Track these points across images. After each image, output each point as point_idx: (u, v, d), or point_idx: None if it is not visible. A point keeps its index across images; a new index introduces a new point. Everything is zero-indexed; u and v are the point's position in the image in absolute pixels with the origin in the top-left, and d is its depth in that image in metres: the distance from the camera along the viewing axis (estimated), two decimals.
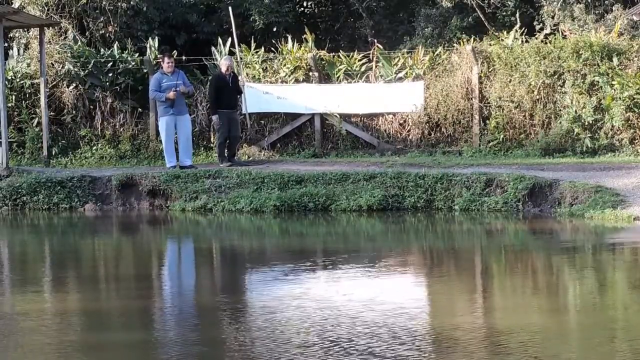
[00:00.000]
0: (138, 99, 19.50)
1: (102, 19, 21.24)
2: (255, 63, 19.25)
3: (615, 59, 17.19)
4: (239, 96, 17.51)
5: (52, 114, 19.25)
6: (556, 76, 17.55)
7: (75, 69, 19.61)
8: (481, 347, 6.94)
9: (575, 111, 17.23)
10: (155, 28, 21.79)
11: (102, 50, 20.16)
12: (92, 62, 19.62)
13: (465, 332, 7.33)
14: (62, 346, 7.20)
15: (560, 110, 17.52)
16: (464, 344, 7.01)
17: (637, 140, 17.21)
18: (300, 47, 19.28)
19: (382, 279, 9.91)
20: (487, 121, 18.00)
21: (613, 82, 17.06)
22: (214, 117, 17.15)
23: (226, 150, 17.23)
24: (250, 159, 18.15)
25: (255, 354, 6.85)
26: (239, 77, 17.48)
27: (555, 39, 18.05)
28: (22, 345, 7.29)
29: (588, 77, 17.31)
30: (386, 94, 18.55)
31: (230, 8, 18.56)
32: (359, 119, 18.84)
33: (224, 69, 17.14)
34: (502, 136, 17.78)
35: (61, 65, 19.69)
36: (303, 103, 18.76)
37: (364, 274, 10.06)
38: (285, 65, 19.14)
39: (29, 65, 19.95)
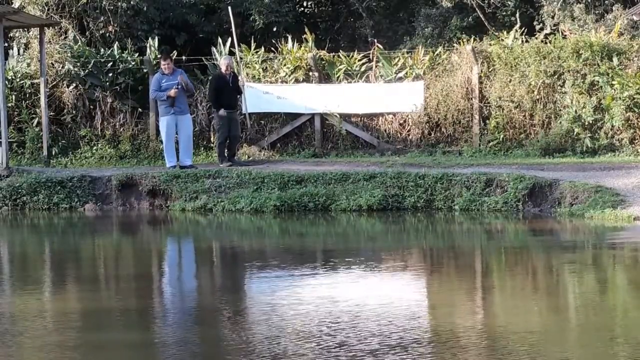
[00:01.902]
0: (138, 98, 19.51)
1: (102, 18, 21.24)
2: (255, 63, 19.25)
3: (615, 59, 17.19)
4: (238, 96, 17.49)
5: (52, 114, 19.26)
6: (556, 76, 17.55)
7: (75, 69, 19.61)
8: (481, 347, 6.94)
9: (575, 111, 17.23)
10: (155, 28, 21.78)
11: (102, 50, 20.17)
12: (92, 62, 19.62)
13: (465, 332, 7.33)
14: (62, 346, 7.20)
15: (560, 110, 17.52)
16: (463, 344, 7.01)
17: (637, 140, 17.20)
18: (300, 47, 19.27)
19: (382, 279, 9.91)
20: (487, 121, 18.00)
21: (613, 82, 17.05)
22: (220, 111, 16.94)
23: (226, 150, 17.23)
24: (250, 158, 18.15)
25: (255, 354, 6.85)
26: (239, 77, 17.45)
27: (555, 39, 18.04)
28: (22, 345, 7.29)
29: (588, 77, 17.31)
30: (386, 93, 18.55)
31: (229, 8, 18.53)
32: (359, 118, 18.84)
33: (223, 69, 17.13)
34: (502, 136, 17.78)
35: (61, 65, 19.70)
36: (303, 103, 18.76)
37: (364, 274, 10.05)
38: (285, 65, 19.14)
39: (29, 65, 19.95)
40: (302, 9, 25.57)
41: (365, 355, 6.72)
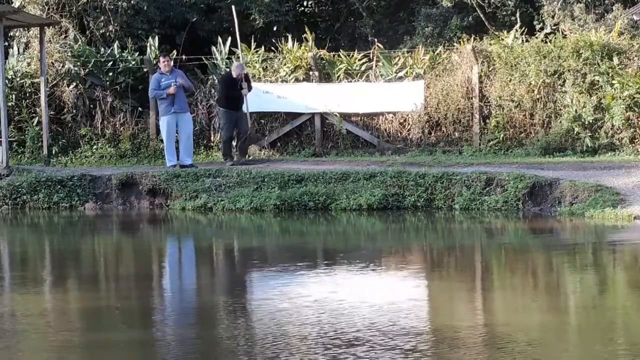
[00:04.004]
0: (138, 98, 19.50)
1: (102, 18, 21.23)
2: (256, 62, 19.25)
3: (615, 59, 17.19)
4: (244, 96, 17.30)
5: (52, 113, 19.25)
6: (556, 75, 17.55)
7: (76, 68, 19.62)
8: (481, 347, 6.94)
9: (576, 110, 17.23)
10: (155, 27, 21.78)
11: (102, 49, 20.16)
12: (93, 61, 19.62)
13: (465, 332, 7.33)
14: (62, 346, 7.20)
15: (560, 109, 17.52)
16: (463, 343, 7.01)
17: (637, 140, 17.20)
18: (301, 46, 19.26)
19: (382, 278, 9.92)
20: (487, 120, 18.00)
21: (613, 82, 17.05)
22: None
23: (235, 149, 17.27)
24: (251, 158, 18.14)
25: (255, 354, 6.85)
26: (244, 88, 17.16)
27: (555, 38, 18.04)
28: (22, 345, 7.29)
29: (588, 76, 17.31)
30: (386, 93, 18.55)
31: (233, 7, 18.53)
32: (359, 118, 18.83)
33: (234, 75, 17.05)
34: (502, 135, 17.78)
35: (61, 65, 19.70)
36: (303, 102, 18.76)
37: (364, 274, 10.06)
38: (285, 64, 19.13)
39: (29, 64, 19.95)
40: (303, 8, 25.58)
41: (364, 354, 6.72)
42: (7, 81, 18.52)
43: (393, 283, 9.56)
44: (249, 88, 17.24)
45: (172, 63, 17.12)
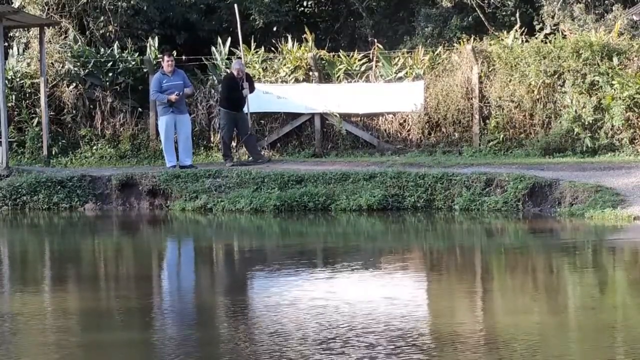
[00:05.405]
0: (138, 98, 19.51)
1: (102, 18, 21.24)
2: (255, 63, 19.25)
3: (615, 59, 17.19)
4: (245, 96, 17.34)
5: (52, 113, 19.26)
6: (556, 76, 17.54)
7: (75, 69, 19.62)
8: (481, 348, 6.94)
9: (575, 111, 17.23)
10: (155, 27, 21.79)
11: (102, 49, 20.17)
12: (92, 61, 19.63)
13: (465, 333, 7.33)
14: (62, 346, 7.20)
15: (560, 110, 17.52)
16: (463, 344, 7.01)
17: (637, 140, 17.20)
18: (300, 46, 19.27)
19: (382, 279, 9.92)
20: (487, 121, 17.99)
21: (613, 82, 17.05)
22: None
23: (236, 149, 17.38)
24: (250, 158, 18.14)
25: (255, 354, 6.85)
26: (244, 89, 17.19)
27: (555, 38, 18.05)
28: (22, 345, 7.29)
29: (588, 76, 17.30)
30: (386, 93, 18.55)
31: (236, 6, 18.54)
32: (359, 118, 18.83)
33: (235, 73, 17.09)
34: (502, 136, 17.78)
35: (61, 65, 19.70)
36: (303, 103, 18.76)
37: (364, 274, 10.06)
38: (285, 65, 19.14)
39: (29, 64, 19.96)
40: (302, 8, 25.58)
41: (364, 355, 6.72)
42: (7, 82, 18.53)
43: (393, 285, 9.56)
44: (252, 89, 17.27)
45: (174, 63, 17.11)
